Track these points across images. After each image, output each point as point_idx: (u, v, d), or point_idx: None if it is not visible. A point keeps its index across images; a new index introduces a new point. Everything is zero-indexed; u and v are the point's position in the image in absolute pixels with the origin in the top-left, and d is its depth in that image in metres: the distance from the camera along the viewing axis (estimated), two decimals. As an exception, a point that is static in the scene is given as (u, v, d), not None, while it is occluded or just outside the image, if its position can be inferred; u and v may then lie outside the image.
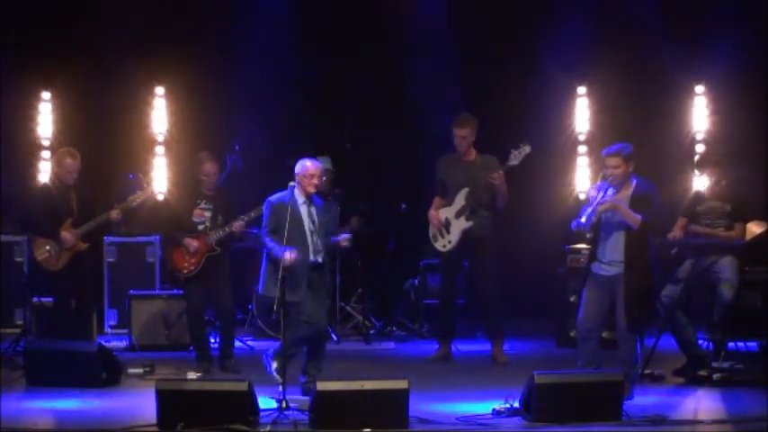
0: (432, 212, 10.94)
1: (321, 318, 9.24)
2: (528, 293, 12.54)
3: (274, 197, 9.22)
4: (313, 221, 9.17)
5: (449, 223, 10.89)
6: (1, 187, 12.32)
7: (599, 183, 9.14)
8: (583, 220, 8.95)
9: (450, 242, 10.90)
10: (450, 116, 11.08)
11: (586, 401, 8.31)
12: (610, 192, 8.98)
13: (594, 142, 12.94)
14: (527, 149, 10.59)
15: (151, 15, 12.79)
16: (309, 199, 9.19)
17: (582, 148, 13.28)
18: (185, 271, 10.45)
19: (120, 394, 9.49)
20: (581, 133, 13.21)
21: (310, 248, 9.19)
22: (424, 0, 13.38)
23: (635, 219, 8.90)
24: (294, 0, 13.36)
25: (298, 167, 9.22)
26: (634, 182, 9.06)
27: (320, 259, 9.22)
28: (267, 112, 13.08)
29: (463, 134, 10.81)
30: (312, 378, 9.04)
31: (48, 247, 10.55)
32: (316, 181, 9.16)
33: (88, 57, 12.82)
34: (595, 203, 8.97)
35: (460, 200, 10.85)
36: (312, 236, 9.18)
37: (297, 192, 9.15)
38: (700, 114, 13.06)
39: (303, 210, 9.16)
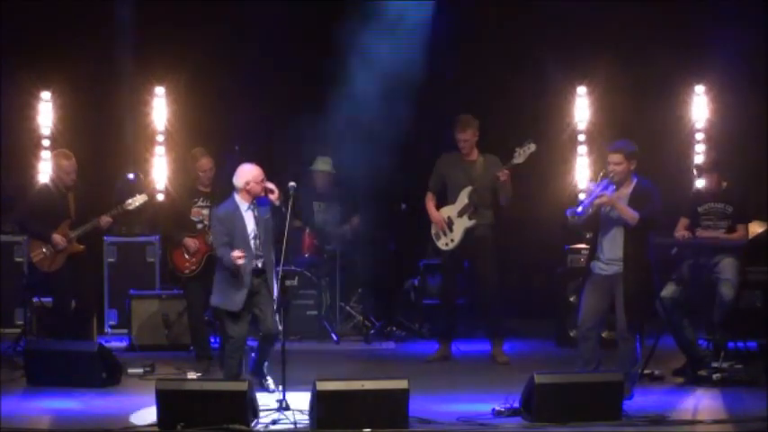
0: (432, 211, 10.93)
1: (268, 318, 9.06)
2: (528, 293, 12.54)
3: (220, 209, 9.19)
4: (257, 225, 9.09)
5: (451, 222, 10.90)
6: (1, 187, 12.31)
7: (600, 180, 9.13)
8: (579, 209, 8.97)
9: (452, 240, 10.90)
10: (450, 116, 11.09)
11: (586, 401, 8.32)
12: (610, 189, 8.98)
13: (594, 143, 12.95)
14: (532, 147, 10.60)
15: (151, 14, 12.79)
16: (254, 203, 9.10)
17: (582, 149, 13.28)
18: (187, 271, 10.46)
19: (120, 394, 9.49)
20: (581, 132, 13.20)
21: (253, 253, 9.08)
22: (425, 0, 13.38)
23: (631, 215, 8.90)
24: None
25: (244, 174, 9.10)
26: (635, 180, 9.07)
27: (260, 264, 9.08)
28: (267, 111, 13.07)
29: (465, 137, 10.84)
30: (260, 379, 8.94)
31: (44, 249, 10.56)
32: (266, 184, 9.13)
33: (88, 56, 12.79)
34: (593, 196, 8.98)
35: (463, 198, 10.86)
36: (255, 241, 9.08)
37: (239, 198, 9.10)
38: (700, 112, 13.06)
39: (248, 216, 9.10)
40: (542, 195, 12.74)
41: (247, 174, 9.11)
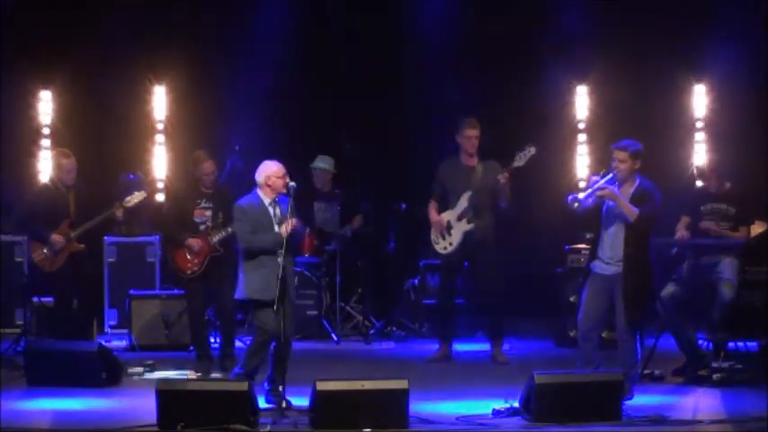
0: (433, 216, 10.94)
1: (283, 325, 8.80)
2: (528, 293, 12.53)
3: (243, 201, 9.08)
4: (279, 223, 9.00)
5: (450, 226, 10.90)
6: (1, 188, 12.32)
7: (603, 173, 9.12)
8: (580, 196, 8.99)
9: (451, 244, 10.91)
10: (450, 116, 11.09)
11: (586, 401, 8.31)
12: (613, 186, 8.99)
13: (594, 140, 13.01)
14: (532, 150, 10.61)
15: (151, 10, 12.79)
16: (275, 200, 9.05)
17: (582, 149, 13.32)
18: (189, 272, 10.45)
19: (120, 394, 9.49)
20: (581, 130, 13.23)
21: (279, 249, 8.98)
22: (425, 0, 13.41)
23: (632, 211, 8.90)
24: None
25: (265, 169, 9.04)
26: (638, 180, 9.07)
27: (280, 260, 8.92)
28: (267, 111, 13.07)
29: (477, 134, 10.84)
30: (276, 386, 8.82)
31: (44, 249, 10.56)
32: (287, 179, 9.09)
33: (88, 53, 12.79)
34: (595, 187, 8.97)
35: (463, 202, 10.86)
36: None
37: (262, 193, 9.04)
38: (700, 110, 13.09)
39: (270, 211, 9.03)
40: (542, 196, 12.75)
41: (268, 169, 9.06)
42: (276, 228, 8.97)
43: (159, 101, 13.19)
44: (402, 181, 13.02)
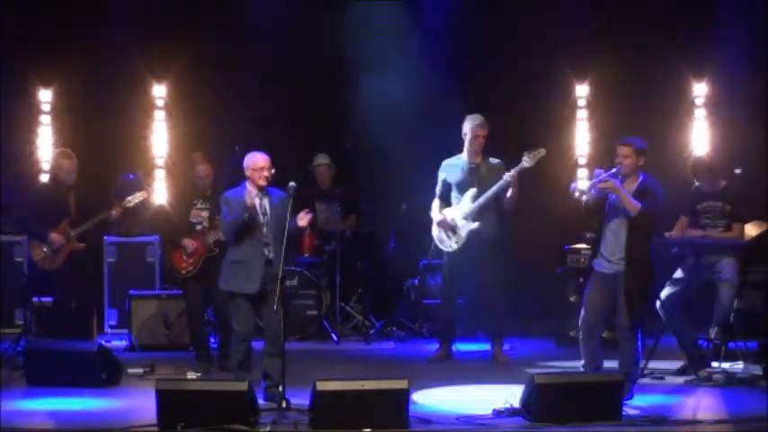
0: (437, 214, 10.93)
1: (272, 316, 8.89)
2: (528, 293, 12.53)
3: (230, 192, 9.17)
4: (265, 213, 9.07)
5: (455, 224, 10.89)
6: (1, 187, 12.32)
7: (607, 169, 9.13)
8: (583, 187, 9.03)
9: (456, 243, 10.90)
10: (450, 116, 11.09)
11: (586, 401, 8.31)
12: (617, 182, 9.00)
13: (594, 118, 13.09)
14: (542, 152, 10.61)
15: (151, 8, 12.80)
16: (263, 191, 9.10)
17: (583, 148, 13.31)
18: (184, 272, 10.46)
19: (120, 394, 9.49)
20: (581, 111, 13.27)
21: (262, 241, 9.07)
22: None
23: (633, 205, 8.90)
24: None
25: (247, 161, 9.13)
26: (641, 177, 9.08)
27: (267, 252, 9.02)
28: (267, 111, 13.07)
29: (485, 134, 10.84)
30: (273, 382, 8.85)
31: (44, 248, 10.56)
32: (266, 173, 9.09)
33: (88, 53, 12.77)
34: (599, 179, 8.98)
35: (468, 201, 10.86)
36: (263, 228, 9.07)
37: (249, 186, 9.10)
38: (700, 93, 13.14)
39: (257, 202, 9.09)
40: (543, 196, 12.74)
41: (249, 161, 9.15)
42: (262, 218, 9.02)
43: (159, 96, 13.18)
44: (402, 181, 13.01)
